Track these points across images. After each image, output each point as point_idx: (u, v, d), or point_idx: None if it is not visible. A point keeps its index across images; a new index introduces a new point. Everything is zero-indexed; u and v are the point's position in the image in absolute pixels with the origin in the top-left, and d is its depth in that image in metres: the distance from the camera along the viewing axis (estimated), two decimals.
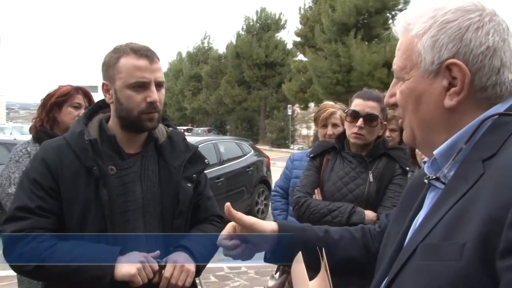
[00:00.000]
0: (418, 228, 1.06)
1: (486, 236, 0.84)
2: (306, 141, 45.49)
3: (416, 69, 1.06)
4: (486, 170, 0.93)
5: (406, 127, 1.15)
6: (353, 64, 26.18)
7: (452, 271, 0.88)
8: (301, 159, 3.77)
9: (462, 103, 1.02)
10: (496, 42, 1.00)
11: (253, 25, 40.12)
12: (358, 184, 2.64)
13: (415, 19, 1.07)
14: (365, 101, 2.68)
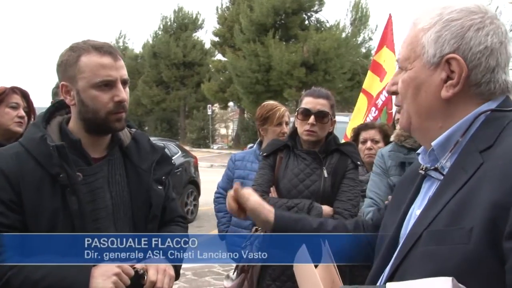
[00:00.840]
0: (420, 216, 1.12)
1: (492, 220, 0.93)
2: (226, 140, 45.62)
3: (418, 60, 1.16)
4: (485, 160, 1.02)
5: (403, 114, 1.23)
6: (272, 64, 26.65)
7: (460, 254, 0.95)
8: (243, 159, 3.77)
9: (457, 95, 1.11)
10: (494, 44, 1.10)
11: (170, 24, 39.45)
12: (314, 180, 2.69)
13: (423, 15, 1.17)
14: (316, 98, 2.75)
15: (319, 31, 27.83)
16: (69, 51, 1.77)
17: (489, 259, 0.93)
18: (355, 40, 29.17)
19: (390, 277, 1.13)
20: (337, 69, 26.77)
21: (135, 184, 1.84)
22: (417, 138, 1.26)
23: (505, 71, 1.12)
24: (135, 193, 1.84)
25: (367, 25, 29.64)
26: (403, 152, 2.23)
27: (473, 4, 1.14)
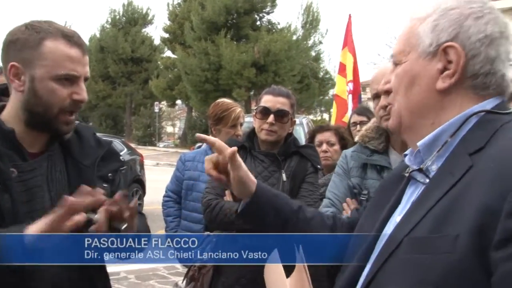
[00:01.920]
0: (401, 221, 1.04)
1: (481, 227, 0.84)
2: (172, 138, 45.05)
3: (413, 52, 1.08)
4: (474, 163, 0.94)
5: (394, 114, 1.14)
6: (222, 63, 26.51)
7: (445, 264, 0.87)
8: (193, 160, 3.59)
9: (453, 87, 1.03)
10: (494, 33, 1.02)
11: (119, 18, 38.43)
12: (272, 184, 2.56)
13: (419, 5, 1.10)
14: (275, 97, 2.64)
15: (271, 33, 27.96)
16: (30, 30, 1.53)
17: (475, 270, 0.84)
18: (305, 43, 29.52)
19: (366, 286, 1.03)
20: (287, 71, 26.96)
21: (77, 182, 1.63)
22: (407, 139, 1.16)
23: (505, 65, 1.04)
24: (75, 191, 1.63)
25: (318, 29, 30.10)
26: (366, 153, 2.16)
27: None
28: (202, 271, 2.59)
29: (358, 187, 2.12)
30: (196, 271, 2.60)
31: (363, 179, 2.14)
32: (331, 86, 32.58)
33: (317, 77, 30.78)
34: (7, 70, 1.54)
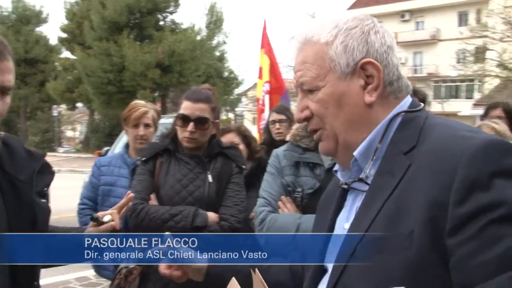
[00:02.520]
0: (352, 226, 1.07)
1: (432, 220, 0.90)
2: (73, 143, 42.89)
3: (331, 75, 1.11)
4: (412, 161, 1.00)
5: (327, 137, 1.16)
6: (126, 64, 25.72)
7: (405, 260, 0.91)
8: (109, 164, 3.47)
9: (379, 97, 1.10)
10: (391, 42, 1.13)
11: (8, 15, 35.76)
12: (198, 186, 2.55)
13: (317, 31, 1.13)
14: (194, 103, 2.59)
15: (175, 33, 27.61)
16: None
17: (433, 260, 0.90)
18: (210, 43, 29.52)
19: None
20: (192, 72, 26.80)
21: (12, 199, 1.51)
22: (342, 158, 1.18)
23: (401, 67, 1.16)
24: (13, 210, 1.51)
25: (222, 29, 30.24)
26: (298, 152, 2.22)
27: (357, 13, 1.17)
28: (129, 278, 2.51)
29: (292, 185, 2.17)
30: (122, 279, 2.51)
31: (297, 177, 2.19)
32: (236, 85, 32.96)
33: (221, 77, 30.93)
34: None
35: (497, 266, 0.83)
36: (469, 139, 0.96)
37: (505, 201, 0.86)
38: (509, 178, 0.89)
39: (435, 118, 1.11)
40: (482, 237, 0.86)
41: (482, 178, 0.89)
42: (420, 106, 1.13)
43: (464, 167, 0.90)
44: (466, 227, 0.87)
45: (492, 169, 0.90)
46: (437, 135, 1.02)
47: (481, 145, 0.93)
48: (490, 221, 0.86)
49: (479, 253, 0.85)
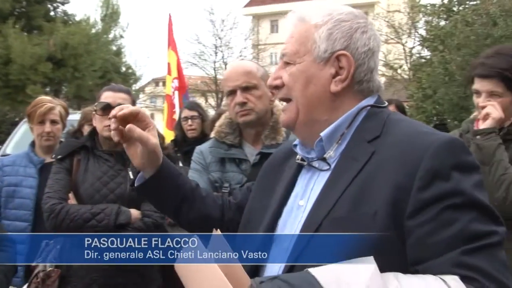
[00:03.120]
0: (315, 206, 1.15)
1: (395, 203, 1.03)
2: None
3: (309, 55, 1.21)
4: (376, 149, 1.12)
5: (289, 108, 1.25)
6: (12, 56, 23.76)
7: (367, 239, 1.02)
8: (13, 164, 3.29)
9: (344, 90, 1.21)
10: (374, 47, 1.23)
11: None
12: (119, 183, 2.52)
13: (313, 13, 1.23)
14: (116, 92, 2.60)
15: (67, 25, 26.07)
16: None
17: (393, 239, 1.02)
18: (106, 37, 28.34)
19: (290, 267, 1.10)
20: (88, 66, 25.51)
21: None
22: (299, 132, 1.27)
23: (377, 73, 1.26)
24: None
25: (118, 23, 29.17)
26: (224, 148, 2.27)
27: (356, 10, 1.26)
28: (47, 282, 2.41)
29: (220, 180, 2.22)
30: (39, 283, 2.41)
31: (223, 173, 2.24)
32: (134, 81, 32.02)
33: (119, 72, 29.88)
34: None
35: (449, 244, 0.98)
36: (432, 135, 1.09)
37: (461, 191, 1.01)
38: (465, 172, 1.04)
39: (397, 115, 1.25)
40: (439, 219, 0.99)
41: (444, 169, 1.03)
42: (385, 104, 1.25)
43: (429, 159, 1.03)
44: (426, 210, 1.00)
45: (452, 163, 1.04)
46: (401, 129, 1.15)
47: (445, 141, 1.07)
48: (446, 207, 1.00)
49: (435, 233, 0.99)
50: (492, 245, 1.00)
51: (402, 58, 27.15)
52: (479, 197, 1.03)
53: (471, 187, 1.03)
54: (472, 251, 0.97)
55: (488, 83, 2.28)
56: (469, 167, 1.07)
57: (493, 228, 1.02)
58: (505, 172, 2.18)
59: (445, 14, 21.77)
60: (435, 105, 17.73)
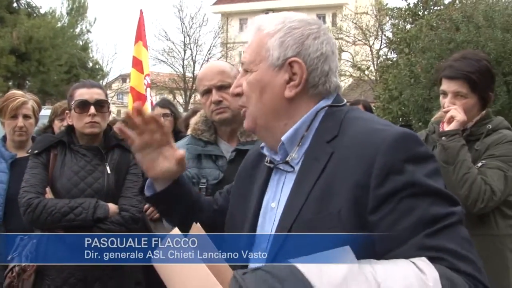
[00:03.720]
0: (285, 209, 1.21)
1: (356, 200, 1.09)
2: None
3: (264, 63, 1.26)
4: (334, 149, 1.18)
5: (248, 115, 1.30)
6: None
7: (335, 238, 1.06)
8: None
9: (299, 95, 1.26)
10: (328, 51, 1.28)
11: None
12: (97, 178, 2.54)
13: (267, 22, 1.28)
14: (90, 88, 2.62)
15: (32, 17, 25.42)
16: None
17: (360, 236, 1.07)
18: (72, 31, 27.77)
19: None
20: (53, 60, 24.95)
21: None
22: (262, 137, 1.33)
23: (336, 74, 1.31)
24: None
25: (85, 17, 28.63)
26: (201, 145, 2.32)
27: (309, 17, 1.32)
28: (23, 276, 2.41)
29: (197, 176, 2.26)
30: (14, 278, 2.41)
31: (200, 169, 2.29)
32: (101, 77, 31.49)
33: (86, 68, 29.34)
34: None
35: (411, 231, 1.04)
36: (384, 131, 1.13)
37: (415, 182, 1.07)
38: (417, 163, 1.10)
39: (355, 112, 1.28)
40: (398, 210, 1.06)
41: (396, 164, 1.08)
42: (343, 102, 1.30)
43: (381, 155, 1.08)
44: (385, 205, 1.06)
45: (404, 156, 1.10)
46: (356, 128, 1.19)
47: (395, 137, 1.11)
48: (404, 197, 1.06)
49: (397, 223, 1.05)
50: (453, 225, 1.05)
51: (370, 60, 27.68)
52: (433, 184, 1.08)
53: (425, 176, 1.08)
54: (434, 233, 1.04)
55: (455, 84, 2.42)
56: (421, 157, 1.12)
57: (451, 209, 1.07)
58: (468, 171, 2.31)
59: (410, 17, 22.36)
60: (400, 107, 18.12)
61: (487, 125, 2.45)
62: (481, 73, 2.40)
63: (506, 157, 2.37)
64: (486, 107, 2.48)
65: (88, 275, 2.43)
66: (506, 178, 2.34)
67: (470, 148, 2.42)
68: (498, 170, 2.34)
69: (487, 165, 2.36)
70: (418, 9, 22.13)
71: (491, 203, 2.31)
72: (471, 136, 2.46)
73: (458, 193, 2.31)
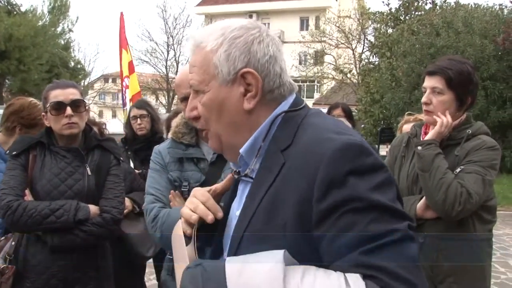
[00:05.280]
0: (239, 219, 1.20)
1: (301, 214, 1.05)
2: None
3: (214, 81, 1.19)
4: (286, 159, 1.14)
5: (212, 137, 1.26)
6: None
7: (280, 248, 1.03)
8: None
9: (258, 104, 1.20)
10: (275, 52, 1.22)
11: None
12: (77, 179, 2.52)
13: (206, 37, 1.21)
14: (64, 89, 2.57)
15: (12, 15, 25.04)
16: None
17: (305, 248, 1.04)
18: (54, 30, 27.44)
19: None
20: (34, 59, 24.65)
21: None
22: (229, 155, 1.29)
23: (287, 73, 1.26)
24: None
25: (67, 16, 28.32)
26: (182, 148, 2.30)
27: (247, 21, 1.25)
28: (1, 279, 2.39)
29: (178, 179, 2.25)
30: None
31: (182, 172, 2.26)
32: (84, 76, 31.19)
33: (67, 67, 29.02)
34: None
35: (349, 247, 0.99)
36: (330, 141, 1.06)
37: (357, 196, 1.01)
38: (360, 176, 1.02)
39: (312, 117, 1.20)
40: (338, 226, 1.00)
41: (338, 177, 1.01)
42: (301, 105, 1.24)
43: (324, 168, 1.02)
44: (326, 220, 1.01)
45: (346, 169, 1.02)
46: (307, 136, 1.12)
47: (338, 147, 1.04)
48: (344, 212, 1.00)
49: (337, 239, 1.00)
50: (393, 242, 0.98)
51: (352, 63, 27.93)
52: (377, 198, 1.01)
53: (369, 190, 1.01)
54: (371, 250, 0.97)
55: (433, 79, 2.48)
56: (366, 169, 1.04)
57: (393, 226, 1.00)
58: (443, 176, 2.35)
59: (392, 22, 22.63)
60: (382, 110, 18.35)
61: (467, 130, 2.49)
62: (459, 72, 2.43)
63: (484, 162, 2.40)
64: (463, 109, 2.52)
65: (69, 276, 2.42)
66: (484, 181, 2.37)
67: (450, 153, 2.47)
68: (475, 174, 2.37)
69: (465, 170, 2.39)
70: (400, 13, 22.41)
71: (468, 205, 2.33)
72: (451, 140, 2.50)
73: (435, 199, 2.36)
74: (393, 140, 3.01)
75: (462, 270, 2.46)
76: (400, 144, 2.76)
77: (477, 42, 14.58)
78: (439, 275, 2.49)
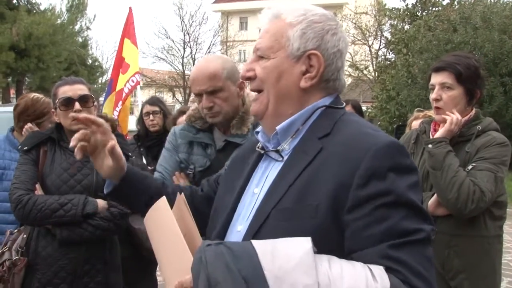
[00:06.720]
0: (267, 196, 1.24)
1: (335, 197, 1.12)
2: None
3: (282, 51, 1.29)
4: (324, 146, 1.21)
5: (262, 99, 1.33)
6: None
7: (309, 227, 1.11)
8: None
9: (312, 87, 1.29)
10: (343, 48, 1.32)
11: None
12: (86, 174, 2.57)
13: (288, 11, 1.31)
14: (72, 85, 2.61)
15: (32, 14, 25.42)
16: None
17: (332, 230, 1.11)
18: (72, 28, 27.80)
19: None
20: (53, 57, 25.03)
21: None
22: (266, 123, 1.35)
23: (343, 72, 1.35)
24: None
25: (85, 14, 28.66)
26: (192, 132, 2.34)
27: (328, 12, 1.34)
28: (13, 270, 2.45)
29: (185, 162, 2.29)
30: (5, 272, 2.44)
31: (190, 155, 2.31)
32: (101, 74, 31.52)
33: (85, 64, 29.40)
34: None
35: (379, 238, 1.07)
36: (375, 137, 1.16)
37: (394, 191, 1.10)
38: (399, 173, 1.12)
39: (351, 116, 1.31)
40: (373, 216, 1.08)
41: (381, 170, 1.10)
42: (342, 106, 1.32)
43: (369, 159, 1.11)
44: (362, 207, 1.09)
45: (389, 165, 1.11)
46: (349, 129, 1.22)
47: (385, 143, 1.14)
48: (380, 204, 1.09)
49: (368, 228, 1.08)
50: (418, 241, 1.07)
51: (368, 60, 27.73)
52: (411, 197, 1.10)
53: (405, 188, 1.10)
54: (398, 245, 1.05)
55: (441, 75, 2.47)
56: (405, 169, 1.14)
57: (421, 226, 1.09)
58: (455, 174, 2.34)
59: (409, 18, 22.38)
60: (398, 107, 18.21)
61: (477, 126, 2.48)
62: (467, 67, 2.43)
63: (495, 159, 2.40)
64: (473, 103, 2.52)
65: (78, 269, 2.47)
66: (496, 178, 2.37)
67: (461, 150, 2.46)
68: (487, 172, 2.37)
69: (477, 167, 2.39)
70: (417, 10, 22.19)
71: (481, 204, 2.33)
72: (461, 137, 2.49)
73: (448, 197, 2.35)
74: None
75: (473, 266, 2.46)
76: (409, 141, 2.75)
77: (496, 38, 14.35)
78: (450, 272, 2.49)
